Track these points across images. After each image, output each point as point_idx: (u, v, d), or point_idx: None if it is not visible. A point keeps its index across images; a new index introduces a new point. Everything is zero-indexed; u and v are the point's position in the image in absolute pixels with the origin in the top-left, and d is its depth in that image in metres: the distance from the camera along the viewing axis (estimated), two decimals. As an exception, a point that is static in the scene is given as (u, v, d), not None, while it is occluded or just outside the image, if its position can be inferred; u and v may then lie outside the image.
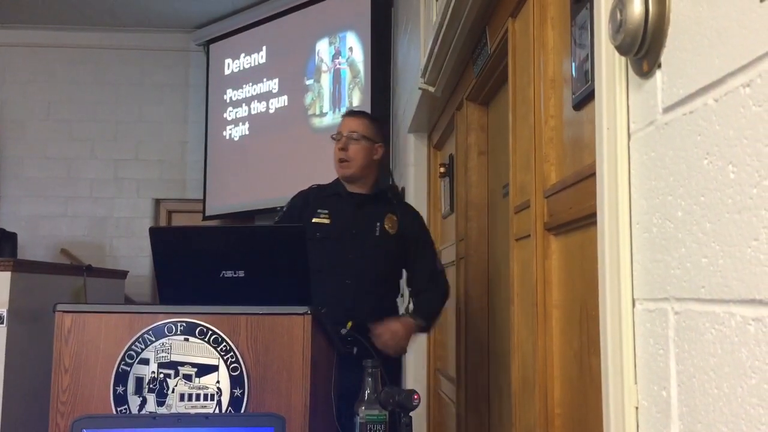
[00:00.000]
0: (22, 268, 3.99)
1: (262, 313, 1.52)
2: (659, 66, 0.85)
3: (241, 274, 1.65)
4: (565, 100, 1.67)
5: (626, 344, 0.89)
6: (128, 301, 5.40)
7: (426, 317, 2.53)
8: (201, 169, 6.52)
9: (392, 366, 2.37)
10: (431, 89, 3.11)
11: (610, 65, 0.97)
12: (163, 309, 1.54)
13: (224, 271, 1.65)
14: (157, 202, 6.68)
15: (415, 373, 3.70)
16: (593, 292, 1.39)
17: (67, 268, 5.00)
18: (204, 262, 1.67)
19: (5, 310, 3.80)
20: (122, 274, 5.33)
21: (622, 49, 0.90)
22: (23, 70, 6.67)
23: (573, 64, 1.57)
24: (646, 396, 0.86)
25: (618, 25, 0.88)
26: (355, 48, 5.42)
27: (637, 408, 0.88)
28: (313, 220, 2.48)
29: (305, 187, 5.40)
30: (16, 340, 3.84)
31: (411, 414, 1.37)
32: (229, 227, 2.14)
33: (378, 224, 2.48)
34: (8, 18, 6.42)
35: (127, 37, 6.66)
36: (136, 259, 6.29)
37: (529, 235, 1.83)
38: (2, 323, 3.79)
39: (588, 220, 1.41)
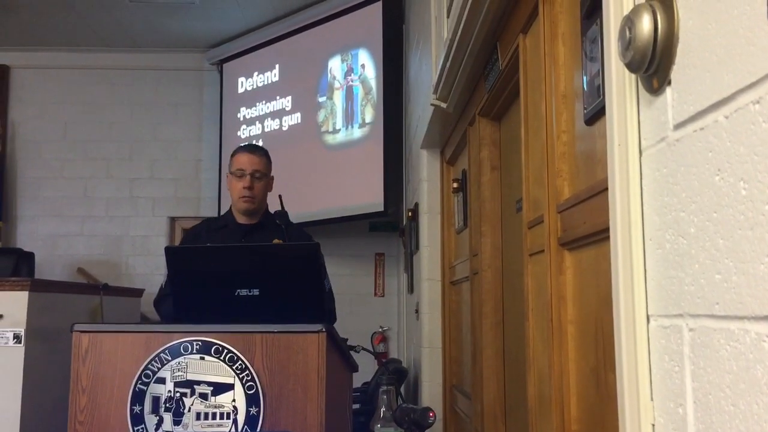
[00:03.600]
0: (39, 287, 4.02)
1: (277, 331, 1.53)
2: (669, 83, 0.86)
3: (256, 292, 1.66)
4: (577, 114, 1.67)
5: (641, 361, 0.89)
6: (144, 319, 5.42)
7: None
8: (215, 187, 6.56)
9: None
10: (443, 105, 3.12)
11: (620, 82, 0.97)
12: (179, 328, 1.55)
13: (239, 290, 1.66)
14: (172, 220, 6.73)
15: (430, 390, 3.69)
16: (608, 308, 1.39)
17: (84, 287, 5.04)
18: (219, 280, 1.69)
19: (23, 330, 3.83)
20: (138, 293, 5.36)
21: (631, 67, 0.90)
22: (40, 91, 6.75)
23: (584, 78, 1.58)
24: (662, 413, 0.86)
25: (627, 43, 0.88)
26: (367, 65, 5.45)
27: (653, 425, 0.88)
28: None
29: (320, 202, 5.49)
30: (33, 359, 3.86)
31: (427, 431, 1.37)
32: (244, 246, 2.15)
33: None
34: (25, 40, 6.52)
35: (141, 57, 6.74)
36: (152, 277, 6.32)
37: (543, 250, 1.83)
38: (20, 342, 3.82)
39: (602, 235, 1.41)
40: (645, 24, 0.85)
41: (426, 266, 3.93)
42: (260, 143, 6.26)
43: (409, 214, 4.45)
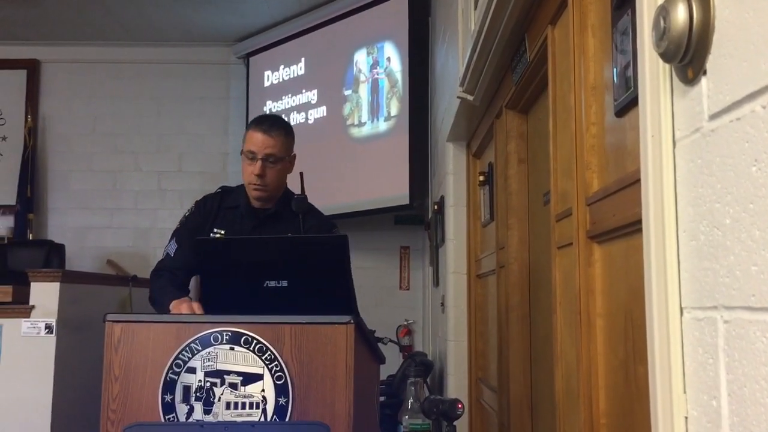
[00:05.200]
0: (70, 278, 4.09)
1: (305, 323, 1.54)
2: (704, 73, 0.85)
3: (284, 283, 1.67)
4: (607, 106, 1.66)
5: (674, 353, 0.89)
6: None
7: None
8: (242, 180, 6.60)
9: None
10: (470, 98, 3.11)
11: (653, 72, 0.96)
12: (209, 318, 1.57)
13: (267, 281, 1.67)
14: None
15: (456, 383, 3.69)
16: (638, 301, 1.38)
17: (114, 279, 5.11)
18: (247, 272, 1.70)
19: (54, 320, 3.90)
20: (166, 284, 5.42)
21: (666, 57, 0.89)
22: (68, 85, 6.84)
23: (614, 70, 1.56)
24: (695, 406, 0.85)
25: (662, 33, 0.87)
26: (393, 58, 5.45)
27: (686, 418, 0.87)
28: (211, 235, 2.37)
29: (345, 196, 5.42)
30: (64, 349, 3.93)
31: (455, 423, 1.37)
32: (272, 237, 2.02)
33: None
34: (55, 35, 6.61)
35: (168, 51, 6.80)
36: (179, 269, 6.37)
37: (572, 243, 1.82)
38: (51, 332, 3.89)
39: (632, 227, 1.40)
40: (680, 13, 0.84)
41: (452, 259, 3.93)
42: (286, 136, 6.29)
43: (435, 207, 4.44)
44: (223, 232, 2.39)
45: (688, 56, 0.86)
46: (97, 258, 6.54)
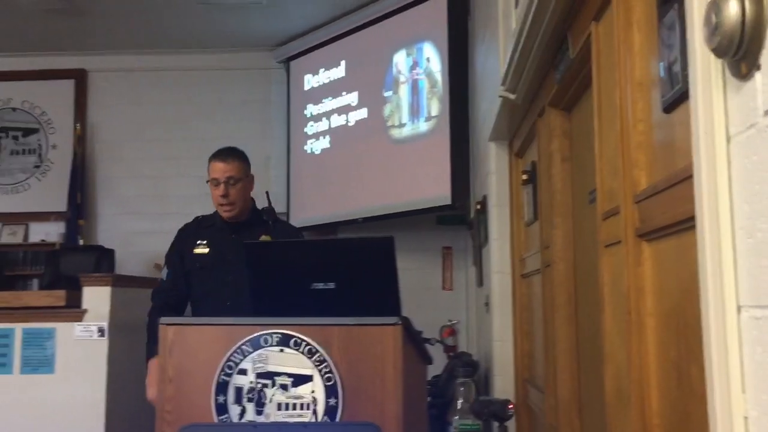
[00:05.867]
0: (120, 282, 4.19)
1: (353, 324, 1.55)
2: (758, 68, 0.83)
3: (332, 285, 1.69)
4: (654, 103, 1.63)
5: (732, 352, 0.87)
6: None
7: None
8: (284, 183, 6.67)
9: None
10: (512, 97, 3.10)
11: (705, 68, 0.95)
12: (259, 321, 1.60)
13: (315, 283, 1.69)
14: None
15: (503, 384, 3.67)
16: (691, 299, 1.36)
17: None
18: (295, 274, 1.72)
19: (106, 323, 3.99)
20: (212, 287, 5.50)
21: (718, 52, 0.88)
22: (114, 93, 7.01)
23: (661, 66, 1.54)
24: (755, 405, 0.84)
25: (713, 28, 0.86)
26: (433, 58, 5.44)
27: (746, 418, 0.86)
28: (194, 251, 2.79)
29: (387, 197, 5.70)
30: (116, 352, 4.02)
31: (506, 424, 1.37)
32: (319, 240, 2.27)
33: None
34: (101, 45, 6.77)
35: (210, 58, 6.91)
36: (225, 272, 6.47)
37: (620, 242, 1.80)
38: (104, 336, 3.99)
39: (683, 225, 1.38)
40: (732, 8, 0.83)
41: (496, 259, 3.91)
42: (327, 139, 6.34)
43: (478, 206, 4.43)
44: (205, 242, 2.82)
45: (741, 51, 0.85)
46: (144, 262, 6.67)
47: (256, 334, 1.56)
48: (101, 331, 3.99)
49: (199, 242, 2.76)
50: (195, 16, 6.14)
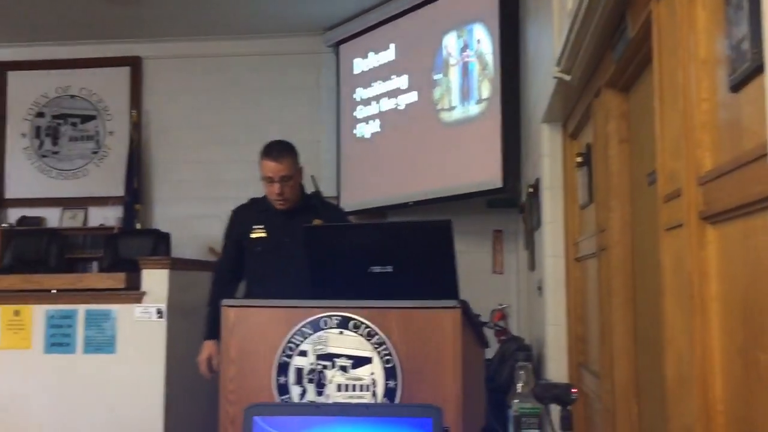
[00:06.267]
0: (177, 265, 4.29)
1: (412, 307, 1.56)
2: (841, 44, 0.80)
3: (389, 269, 1.70)
4: (720, 82, 1.59)
5: (809, 338, 0.85)
6: (270, 295, 5.67)
7: None
8: (334, 167, 6.71)
9: None
10: (567, 78, 3.04)
11: (781, 45, 0.92)
12: (319, 303, 1.62)
13: (372, 266, 1.71)
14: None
15: (556, 368, 3.64)
16: (758, 284, 1.33)
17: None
18: (353, 257, 1.74)
19: (164, 305, 4.10)
20: (265, 270, 5.59)
21: (797, 28, 0.85)
22: (168, 80, 7.14)
23: (727, 43, 1.50)
24: (833, 393, 0.82)
25: (793, 4, 0.83)
26: (484, 40, 5.38)
27: (823, 405, 0.83)
28: (251, 235, 2.96)
29: (437, 180, 5.90)
30: (174, 333, 4.13)
31: (569, 408, 1.36)
32: (377, 223, 2.32)
33: None
34: (156, 32, 6.90)
35: (261, 43, 6.97)
36: (277, 255, 6.56)
37: (682, 225, 1.76)
38: (162, 317, 4.09)
39: (751, 207, 1.34)
40: (813, -18, 0.80)
41: (549, 243, 3.87)
42: (377, 123, 6.34)
43: (530, 190, 4.38)
44: (262, 226, 2.98)
45: (822, 27, 0.82)
46: (199, 246, 6.80)
47: (316, 317, 1.58)
48: (160, 312, 4.10)
49: (255, 227, 2.91)
50: (247, 1, 6.20)
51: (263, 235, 2.91)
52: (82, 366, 4.09)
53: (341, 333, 1.58)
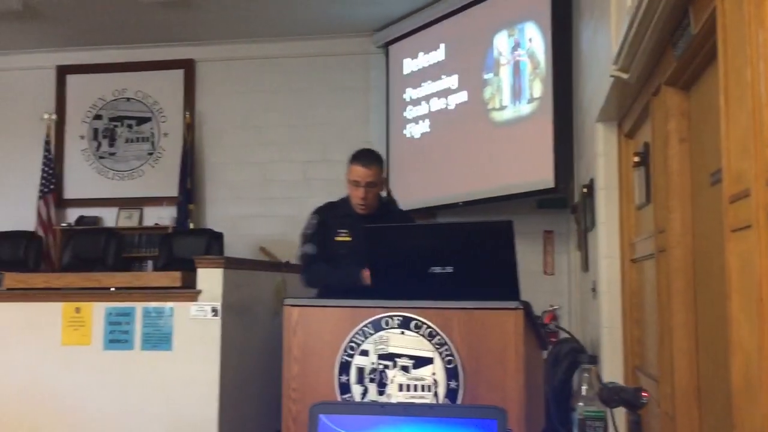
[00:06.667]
0: (231, 265, 4.34)
1: (474, 308, 1.56)
2: None
3: (449, 269, 1.70)
4: (791, 79, 1.54)
5: None
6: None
7: None
8: (384, 168, 6.72)
9: None
10: (624, 76, 2.99)
11: None
12: (380, 303, 1.63)
13: (433, 267, 1.71)
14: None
15: (611, 371, 3.59)
16: (836, 287, 1.29)
17: (268, 265, 5.38)
18: (414, 258, 1.74)
19: (219, 304, 4.16)
20: (315, 270, 5.63)
21: None
22: (221, 82, 7.26)
23: (801, 40, 1.45)
24: None
25: None
26: (535, 38, 5.33)
27: None
28: (336, 238, 3.11)
29: (487, 181, 5.98)
30: (228, 331, 4.19)
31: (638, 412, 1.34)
32: (438, 224, 2.36)
33: None
34: (208, 35, 7.02)
35: (311, 44, 7.04)
36: (326, 255, 6.62)
37: (750, 226, 1.72)
38: (217, 315, 4.16)
39: (828, 209, 1.30)
40: None
41: (604, 244, 3.81)
42: (426, 123, 6.34)
43: (584, 190, 4.32)
44: (346, 231, 3.13)
45: None
46: (250, 245, 6.91)
47: (377, 316, 1.59)
48: (215, 311, 4.16)
49: (340, 230, 3.06)
50: (297, 3, 6.27)
51: (348, 239, 3.05)
52: (140, 362, 4.18)
53: (403, 333, 1.58)
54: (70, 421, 4.20)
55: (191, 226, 6.80)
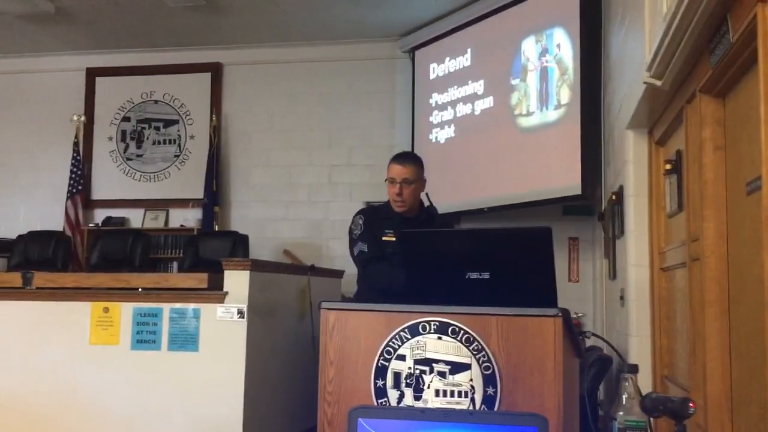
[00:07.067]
0: (257, 267, 4.36)
1: (512, 314, 1.55)
2: None
3: (486, 275, 1.69)
4: (837, 88, 1.53)
5: None
6: (343, 299, 5.71)
7: None
8: (423, 170, 6.72)
9: None
10: (658, 83, 2.97)
11: None
12: (417, 308, 1.63)
13: (469, 273, 1.70)
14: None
15: (640, 380, 3.54)
16: None
17: (293, 268, 5.39)
18: (450, 263, 1.74)
19: (245, 306, 4.18)
20: (339, 274, 5.64)
21: None
22: (248, 85, 7.31)
23: None
24: None
25: None
26: (564, 44, 5.31)
27: None
28: (384, 238, 3.21)
29: (512, 186, 6.03)
30: (254, 333, 4.20)
31: (684, 423, 1.33)
32: (475, 230, 2.41)
33: None
34: (236, 39, 7.07)
35: (337, 49, 7.06)
36: (350, 259, 6.62)
37: (790, 236, 1.70)
38: (243, 317, 4.17)
39: None
40: None
41: (633, 251, 3.78)
42: (452, 128, 6.34)
43: (613, 197, 4.29)
44: (392, 232, 3.22)
45: None
46: (274, 248, 6.94)
47: (414, 321, 1.59)
48: (241, 312, 4.17)
49: (387, 231, 3.16)
50: (325, 7, 6.29)
51: (394, 239, 3.14)
52: (166, 363, 4.21)
53: (440, 338, 1.58)
54: (97, 419, 4.23)
55: (216, 228, 6.85)
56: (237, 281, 4.23)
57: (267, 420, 4.37)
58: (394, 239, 3.13)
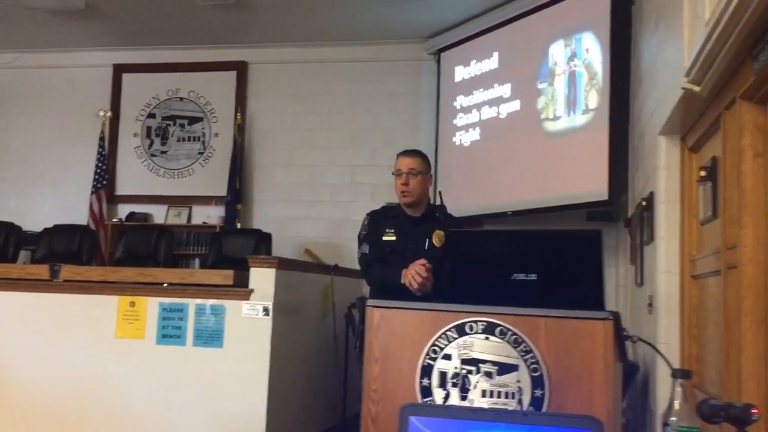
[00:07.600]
0: (283, 265, 4.38)
1: (561, 316, 1.54)
2: None
3: (533, 277, 1.68)
4: None
5: None
6: (361, 299, 5.72)
7: None
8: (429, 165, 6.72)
9: None
10: (696, 89, 2.94)
11: None
12: (465, 308, 1.62)
13: (516, 274, 1.70)
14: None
15: (667, 388, 3.52)
16: None
17: (317, 267, 5.41)
18: (496, 264, 1.73)
19: (270, 303, 4.20)
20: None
21: None
22: (272, 84, 7.33)
23: None
24: None
25: None
26: (593, 49, 5.29)
27: None
28: (383, 237, 3.27)
29: (538, 191, 6.04)
30: (278, 330, 4.22)
31: (747, 429, 1.31)
32: (523, 231, 2.41)
33: (427, 240, 3.19)
34: (262, 38, 7.10)
35: (363, 50, 7.07)
36: (372, 259, 6.63)
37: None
38: (268, 315, 4.19)
39: None
40: None
41: (663, 258, 3.75)
42: (477, 131, 6.32)
43: (643, 203, 4.26)
44: (393, 230, 3.28)
45: None
46: (296, 247, 6.96)
47: (461, 321, 1.59)
48: (266, 310, 4.20)
49: (387, 230, 3.21)
50: (352, 7, 6.30)
51: (393, 238, 3.21)
52: (191, 358, 4.23)
53: (487, 339, 1.57)
54: (121, 412, 4.26)
55: (238, 225, 6.87)
56: (263, 279, 4.25)
57: (289, 417, 4.38)
58: (393, 238, 3.21)
